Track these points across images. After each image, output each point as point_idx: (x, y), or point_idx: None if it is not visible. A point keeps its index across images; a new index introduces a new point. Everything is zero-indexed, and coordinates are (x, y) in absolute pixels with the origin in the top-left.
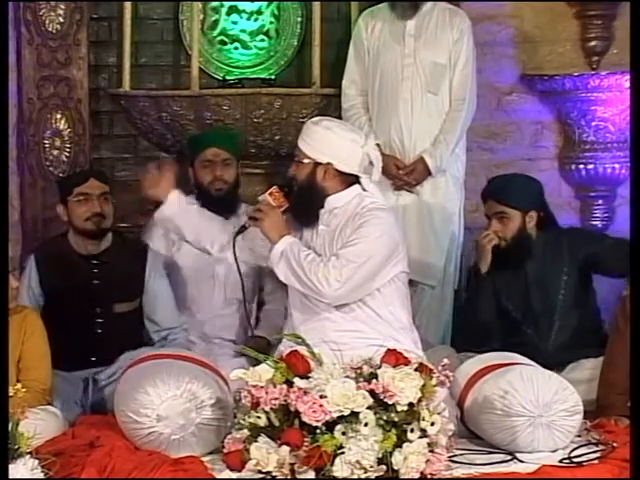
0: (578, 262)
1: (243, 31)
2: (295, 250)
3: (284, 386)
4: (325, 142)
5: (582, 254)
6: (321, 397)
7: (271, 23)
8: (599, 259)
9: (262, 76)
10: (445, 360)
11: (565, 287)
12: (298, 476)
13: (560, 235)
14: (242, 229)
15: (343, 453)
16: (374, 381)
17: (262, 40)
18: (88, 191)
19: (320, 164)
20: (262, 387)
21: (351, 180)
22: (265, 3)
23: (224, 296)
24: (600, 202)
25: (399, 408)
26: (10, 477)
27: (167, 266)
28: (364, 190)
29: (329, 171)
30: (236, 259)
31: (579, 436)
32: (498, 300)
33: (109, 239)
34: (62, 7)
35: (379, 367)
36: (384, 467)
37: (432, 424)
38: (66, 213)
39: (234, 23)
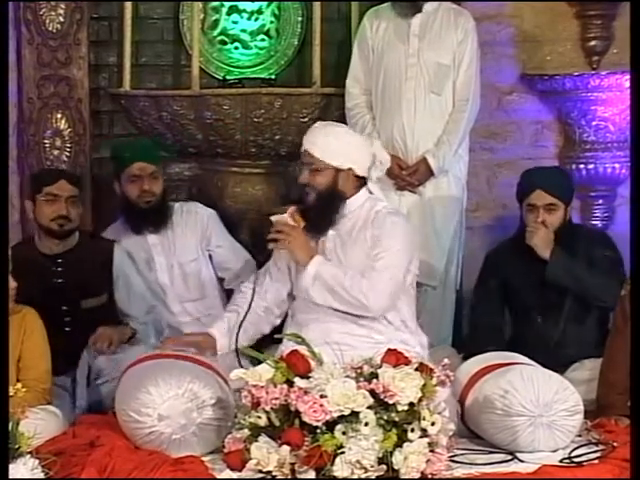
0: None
1: (243, 31)
2: (330, 270)
3: (284, 386)
4: (344, 148)
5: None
6: (321, 397)
7: (271, 23)
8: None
9: (262, 76)
10: (445, 360)
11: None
12: (298, 476)
13: (579, 231)
14: (268, 255)
15: (343, 453)
16: (374, 381)
17: (262, 40)
18: (57, 192)
19: (341, 170)
20: (262, 387)
21: (362, 183)
22: (265, 3)
23: (178, 301)
24: (600, 202)
25: (399, 408)
26: (10, 477)
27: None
28: (370, 192)
29: (350, 176)
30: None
31: (579, 436)
32: (512, 293)
33: (75, 238)
34: (62, 7)
35: (379, 367)
36: (384, 467)
37: (432, 424)
38: (33, 210)
39: (234, 23)
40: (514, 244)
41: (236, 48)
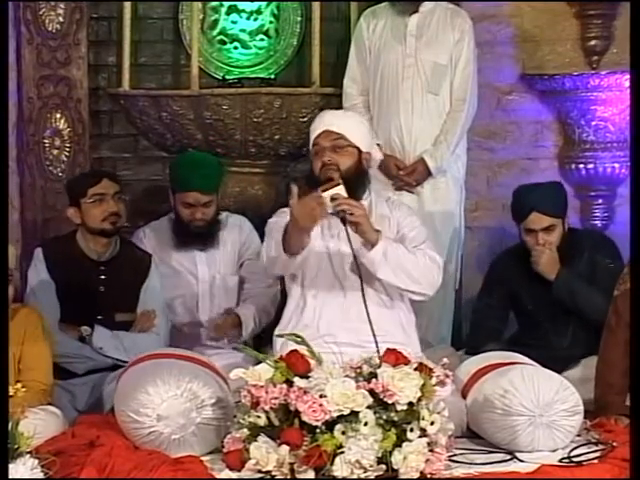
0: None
1: (243, 30)
2: (398, 247)
3: (284, 385)
4: (363, 130)
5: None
6: (321, 396)
7: (271, 22)
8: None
9: (262, 76)
10: (445, 360)
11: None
12: (298, 476)
13: (579, 238)
14: (344, 222)
15: (343, 452)
16: (374, 380)
17: (262, 40)
18: (103, 191)
19: (362, 152)
20: (262, 386)
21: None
22: (265, 3)
23: (209, 314)
24: (600, 201)
25: (399, 407)
26: (10, 477)
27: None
28: None
29: (368, 160)
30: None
31: (579, 435)
32: (517, 301)
33: (117, 244)
34: (62, 6)
35: (379, 366)
36: (384, 466)
37: (432, 423)
38: (79, 216)
39: (234, 22)
40: (518, 254)
41: (235, 48)
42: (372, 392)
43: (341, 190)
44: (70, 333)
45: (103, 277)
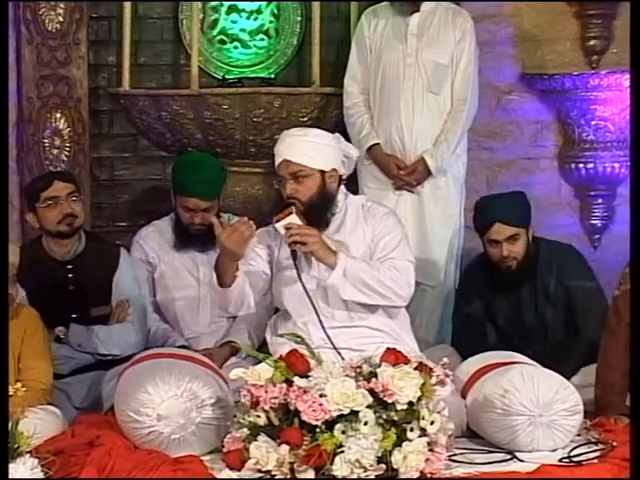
0: (565, 285)
1: (243, 30)
2: (358, 264)
3: (284, 385)
4: (323, 149)
5: (569, 282)
6: (321, 396)
7: (271, 22)
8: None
9: (262, 75)
10: (445, 360)
11: (554, 304)
12: (298, 475)
13: (549, 250)
14: (294, 255)
15: (343, 452)
16: (374, 380)
17: (262, 39)
18: (55, 194)
19: (325, 172)
20: (262, 386)
21: (340, 180)
22: (265, 2)
23: (210, 316)
24: (600, 201)
25: (399, 407)
26: (10, 476)
27: (152, 287)
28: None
29: (335, 177)
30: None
31: (579, 435)
32: (490, 315)
33: (82, 242)
34: (62, 6)
35: (379, 366)
36: (384, 466)
37: (432, 423)
38: (36, 220)
39: (234, 22)
40: (484, 266)
41: (235, 47)
42: (372, 391)
43: (294, 219)
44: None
45: (71, 275)
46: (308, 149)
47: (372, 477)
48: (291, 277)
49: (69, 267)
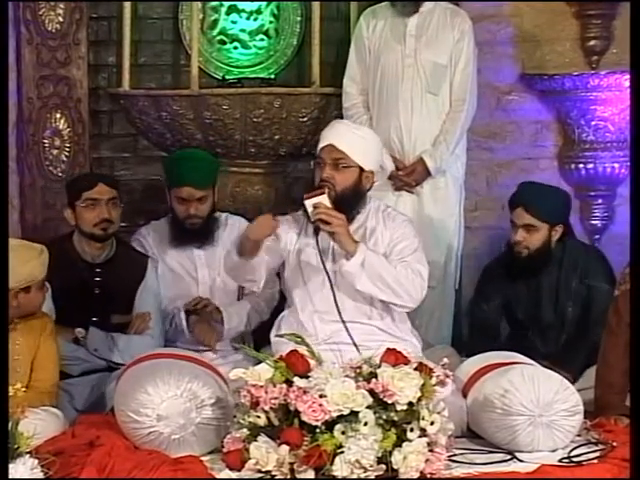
0: (586, 284)
1: (242, 30)
2: (377, 258)
3: (284, 385)
4: (369, 150)
5: (590, 281)
6: (321, 396)
7: (270, 22)
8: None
9: (262, 75)
10: (445, 360)
11: (573, 301)
12: (298, 475)
13: (573, 250)
14: (318, 232)
15: (343, 452)
16: (374, 380)
17: (262, 39)
18: (97, 196)
19: (364, 171)
20: (262, 386)
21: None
22: (264, 2)
23: None
24: (600, 201)
25: (399, 407)
26: (10, 477)
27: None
28: None
29: (369, 178)
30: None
31: (579, 435)
32: (509, 305)
33: (113, 246)
34: (62, 6)
35: (378, 366)
36: (384, 466)
37: (432, 423)
38: (74, 217)
39: (233, 22)
40: (507, 263)
41: (235, 48)
42: (372, 392)
43: (324, 200)
44: (65, 335)
45: (98, 279)
46: (356, 142)
47: (372, 477)
48: (308, 264)
49: (98, 270)
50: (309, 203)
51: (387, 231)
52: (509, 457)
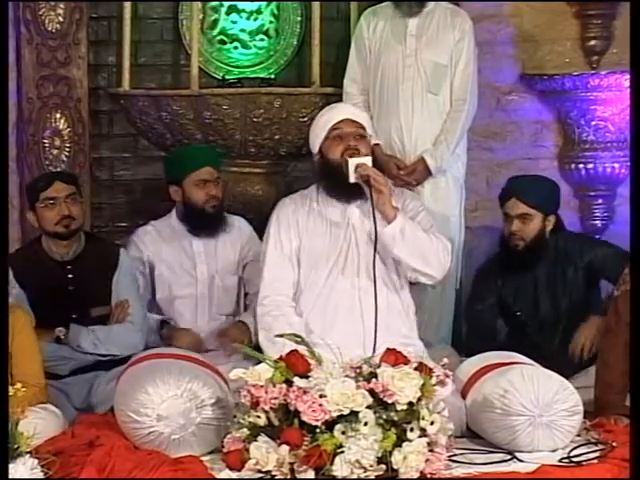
0: (583, 267)
1: (243, 30)
2: (414, 226)
3: (284, 385)
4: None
5: (587, 259)
6: (321, 396)
7: (271, 22)
8: (602, 265)
9: (262, 75)
10: (445, 360)
11: (570, 292)
12: (298, 475)
13: (567, 240)
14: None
15: (343, 452)
16: (374, 380)
17: (262, 39)
18: (54, 195)
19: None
20: (262, 386)
21: None
22: (264, 2)
23: (208, 314)
24: (600, 201)
25: (399, 407)
26: (10, 476)
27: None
28: None
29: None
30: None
31: (579, 435)
32: (505, 302)
33: (82, 242)
34: (62, 6)
35: (378, 366)
36: (384, 466)
37: (432, 423)
38: (36, 219)
39: (234, 22)
40: (502, 257)
41: (235, 48)
42: (372, 392)
43: (368, 161)
44: (45, 337)
45: (70, 276)
46: (366, 117)
47: (372, 477)
48: (322, 244)
49: (69, 267)
50: (353, 162)
51: (399, 204)
52: (509, 457)
